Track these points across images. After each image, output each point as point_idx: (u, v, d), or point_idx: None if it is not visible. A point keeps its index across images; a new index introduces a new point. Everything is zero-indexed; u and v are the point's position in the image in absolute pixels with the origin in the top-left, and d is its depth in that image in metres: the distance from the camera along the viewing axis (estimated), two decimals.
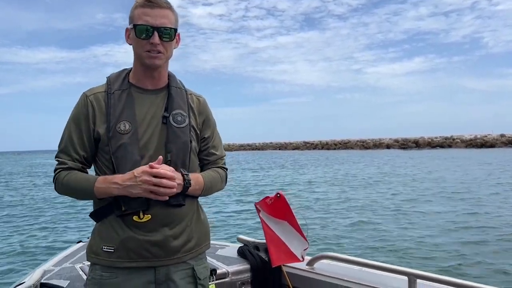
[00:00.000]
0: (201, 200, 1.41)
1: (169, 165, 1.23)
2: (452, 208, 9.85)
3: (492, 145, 57.94)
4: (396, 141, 69.50)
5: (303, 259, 2.02)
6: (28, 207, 12.09)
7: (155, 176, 1.15)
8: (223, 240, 2.66)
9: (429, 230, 7.52)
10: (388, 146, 67.80)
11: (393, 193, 12.86)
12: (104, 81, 1.34)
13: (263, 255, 2.14)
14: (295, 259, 2.02)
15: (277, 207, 2.03)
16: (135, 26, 1.25)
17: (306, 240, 2.00)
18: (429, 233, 7.26)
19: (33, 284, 1.75)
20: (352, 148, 73.48)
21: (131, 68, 1.36)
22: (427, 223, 8.18)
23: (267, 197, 2.06)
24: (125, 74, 1.34)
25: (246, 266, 2.10)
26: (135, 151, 1.23)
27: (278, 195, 2.02)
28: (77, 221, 9.41)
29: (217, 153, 1.44)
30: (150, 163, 1.17)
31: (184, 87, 1.41)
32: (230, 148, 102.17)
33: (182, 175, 1.24)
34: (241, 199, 12.41)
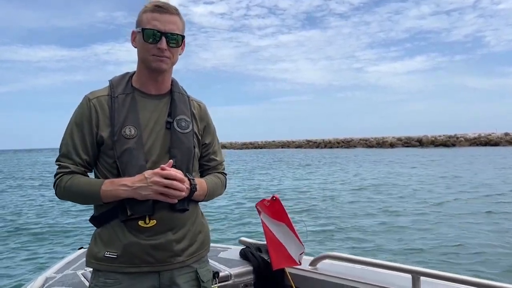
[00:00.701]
0: (202, 203, 1.41)
1: None
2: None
3: (496, 144, 57.64)
4: (400, 139, 69.15)
5: (300, 263, 2.02)
6: (35, 208, 12.07)
7: (166, 178, 1.16)
8: (225, 243, 2.66)
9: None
10: (391, 145, 67.49)
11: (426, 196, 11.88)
12: (105, 79, 1.35)
13: (265, 256, 2.13)
14: (294, 262, 2.02)
15: (274, 209, 2.03)
16: (143, 30, 1.25)
17: (302, 244, 2.00)
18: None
19: None
20: (355, 146, 73.23)
21: (134, 72, 1.36)
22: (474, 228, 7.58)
23: (264, 199, 2.06)
24: (128, 78, 1.34)
25: (249, 268, 2.09)
26: (141, 156, 1.24)
27: (274, 198, 2.02)
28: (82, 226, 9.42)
29: (217, 158, 1.45)
30: (162, 165, 1.18)
31: (186, 93, 1.42)
32: (232, 146, 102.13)
33: (189, 179, 1.24)
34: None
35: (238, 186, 15.91)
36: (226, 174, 1.48)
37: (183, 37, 1.30)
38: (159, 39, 1.25)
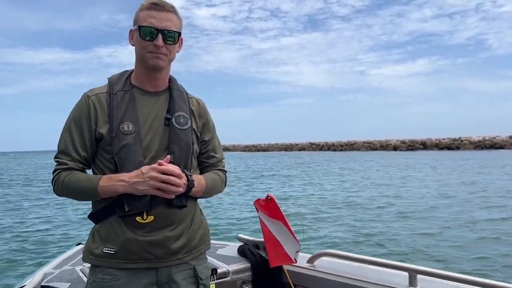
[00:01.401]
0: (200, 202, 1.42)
1: None
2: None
3: (501, 147, 57.23)
4: (403, 142, 68.91)
5: (296, 261, 2.03)
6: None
7: (163, 173, 1.17)
8: (224, 240, 2.67)
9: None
10: (395, 148, 67.24)
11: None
12: (107, 82, 1.36)
13: (263, 253, 2.14)
14: (291, 260, 2.03)
15: (269, 209, 2.04)
16: (139, 27, 1.27)
17: (298, 242, 2.01)
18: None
19: (33, 287, 1.77)
20: (358, 149, 72.95)
21: (133, 70, 1.37)
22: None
23: (259, 199, 2.08)
24: (127, 75, 1.36)
25: (247, 265, 2.10)
26: (139, 152, 1.24)
27: (269, 197, 2.03)
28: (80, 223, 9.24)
29: (217, 155, 1.46)
30: (159, 161, 1.19)
31: (184, 90, 1.43)
32: (235, 149, 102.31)
33: (186, 175, 1.25)
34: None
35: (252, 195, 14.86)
36: (226, 172, 1.49)
37: (179, 34, 1.32)
38: (155, 36, 1.26)
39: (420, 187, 15.05)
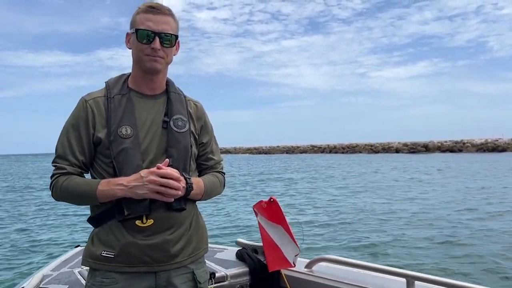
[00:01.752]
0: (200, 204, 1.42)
1: None
2: None
3: (503, 149, 57.00)
4: (405, 145, 68.72)
5: (295, 264, 2.02)
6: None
7: (162, 177, 1.17)
8: (222, 244, 2.66)
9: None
10: (397, 150, 67.07)
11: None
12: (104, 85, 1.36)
13: (261, 258, 2.14)
14: (289, 264, 2.02)
15: (271, 211, 2.04)
16: (136, 30, 1.27)
17: (298, 246, 2.01)
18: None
19: None
20: (360, 152, 72.78)
21: (130, 73, 1.37)
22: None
23: (262, 201, 2.08)
24: (124, 79, 1.36)
25: (245, 269, 2.10)
26: (137, 156, 1.24)
27: (271, 199, 2.03)
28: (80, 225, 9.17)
29: (215, 157, 1.46)
30: (158, 164, 1.19)
31: (182, 92, 1.43)
32: (237, 151, 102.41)
33: (185, 178, 1.25)
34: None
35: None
36: (224, 173, 1.49)
37: (176, 37, 1.32)
38: (152, 39, 1.26)
39: (430, 192, 14.59)
